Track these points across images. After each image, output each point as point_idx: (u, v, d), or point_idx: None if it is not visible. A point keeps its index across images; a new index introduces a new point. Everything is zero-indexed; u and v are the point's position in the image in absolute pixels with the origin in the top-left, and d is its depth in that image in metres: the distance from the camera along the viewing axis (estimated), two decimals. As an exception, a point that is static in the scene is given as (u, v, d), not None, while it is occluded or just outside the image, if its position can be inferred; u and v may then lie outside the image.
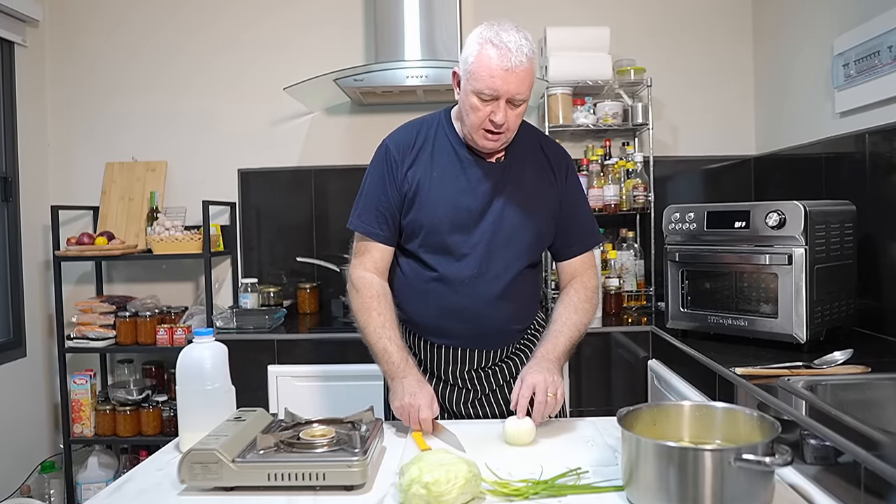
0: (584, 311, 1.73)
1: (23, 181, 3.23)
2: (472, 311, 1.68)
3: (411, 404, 1.53)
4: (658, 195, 3.11)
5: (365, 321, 1.66)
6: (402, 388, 1.57)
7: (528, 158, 1.73)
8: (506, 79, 1.52)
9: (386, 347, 1.63)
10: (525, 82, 1.55)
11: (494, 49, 1.53)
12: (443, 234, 1.65)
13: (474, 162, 1.68)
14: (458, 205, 1.65)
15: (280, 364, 2.72)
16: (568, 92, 3.10)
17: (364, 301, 1.67)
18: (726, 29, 3.34)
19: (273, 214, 3.42)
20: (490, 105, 1.56)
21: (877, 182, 2.29)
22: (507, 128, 1.59)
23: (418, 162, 1.68)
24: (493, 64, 1.52)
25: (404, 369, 1.61)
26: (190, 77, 3.41)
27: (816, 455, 1.35)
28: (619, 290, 3.03)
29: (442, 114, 1.76)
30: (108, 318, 3.10)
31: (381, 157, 1.71)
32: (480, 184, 1.66)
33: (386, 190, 1.68)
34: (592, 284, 1.78)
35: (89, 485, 3.07)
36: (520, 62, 1.52)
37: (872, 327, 2.29)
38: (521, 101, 1.58)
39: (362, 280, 1.69)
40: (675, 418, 1.26)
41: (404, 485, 1.15)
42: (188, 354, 1.45)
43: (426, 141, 1.70)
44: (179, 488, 1.26)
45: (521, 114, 1.61)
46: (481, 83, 1.53)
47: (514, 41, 1.53)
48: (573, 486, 1.23)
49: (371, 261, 1.70)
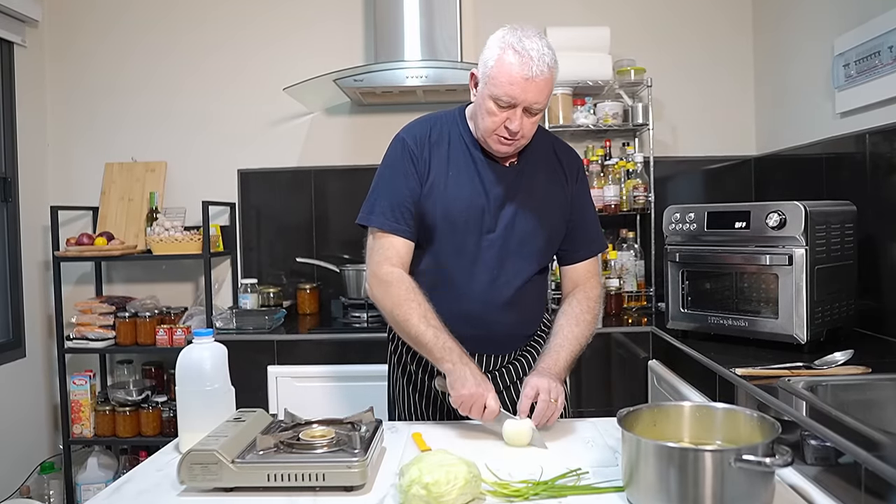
0: (586, 322, 1.70)
1: (22, 181, 3.23)
2: (482, 315, 1.66)
3: (481, 394, 1.48)
4: (658, 195, 3.11)
5: (406, 314, 1.58)
6: (466, 377, 1.50)
7: (540, 163, 1.71)
8: (525, 87, 1.49)
9: (437, 335, 1.55)
10: (544, 92, 1.52)
11: (516, 56, 1.49)
12: (455, 236, 1.64)
13: (488, 164, 1.66)
14: (473, 207, 1.63)
15: (280, 365, 2.72)
16: (568, 92, 3.10)
17: (400, 294, 1.59)
18: (726, 29, 3.34)
19: (273, 215, 3.41)
20: (506, 112, 1.53)
21: (877, 182, 2.28)
22: (522, 135, 1.57)
23: (434, 156, 1.64)
24: (513, 71, 1.48)
25: (462, 356, 1.55)
26: (189, 77, 3.40)
27: (817, 456, 1.35)
28: (619, 290, 3.03)
29: (457, 112, 1.72)
30: (107, 319, 3.10)
31: (399, 150, 1.66)
32: (494, 187, 1.64)
33: (409, 184, 1.63)
34: (595, 294, 1.76)
35: (89, 485, 3.07)
36: (541, 71, 1.49)
37: (873, 328, 2.29)
38: (538, 109, 1.55)
39: (392, 274, 1.62)
40: (676, 419, 1.26)
41: (404, 486, 1.15)
42: (188, 355, 1.44)
43: (441, 136, 1.67)
44: (179, 489, 1.25)
45: (536, 122, 1.59)
46: (500, 90, 1.50)
47: (537, 49, 1.49)
48: (573, 486, 1.23)
49: (396, 256, 1.63)
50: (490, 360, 1.73)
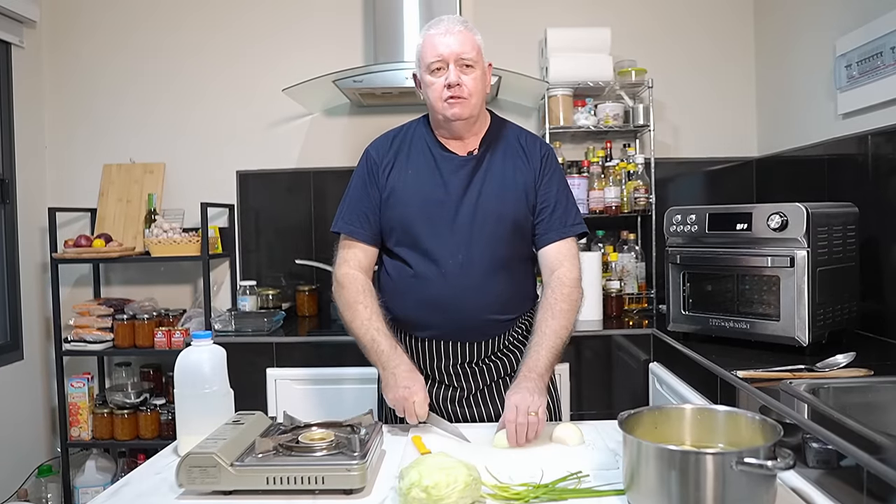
0: (563, 312, 1.68)
1: (20, 183, 3.22)
2: (452, 301, 1.70)
3: (405, 397, 1.57)
4: (659, 197, 3.10)
5: (351, 316, 1.71)
6: (395, 380, 1.61)
7: (500, 149, 1.77)
8: (445, 43, 1.64)
9: (374, 338, 1.67)
10: (466, 44, 1.66)
11: (430, 28, 1.69)
12: (417, 228, 1.70)
13: (446, 157, 1.74)
14: (430, 199, 1.71)
15: (279, 367, 2.71)
16: (568, 93, 3.10)
17: (350, 296, 1.72)
18: (728, 29, 3.34)
19: (272, 216, 3.41)
20: (442, 74, 1.66)
21: (879, 184, 2.28)
22: (468, 92, 1.66)
23: (396, 164, 1.76)
24: (431, 36, 1.67)
25: (394, 358, 1.65)
26: (188, 78, 3.40)
27: (819, 459, 1.34)
28: (620, 292, 3.02)
29: (421, 118, 1.84)
30: (105, 321, 3.09)
31: (363, 163, 1.81)
32: (453, 176, 1.72)
33: (368, 192, 1.76)
34: (571, 277, 1.73)
35: (87, 489, 3.06)
36: (453, 26, 1.66)
37: (875, 330, 2.28)
38: (469, 62, 1.66)
39: (346, 277, 1.74)
40: (677, 422, 1.26)
41: (404, 488, 1.14)
42: (186, 357, 1.44)
43: (403, 143, 1.79)
44: (178, 492, 1.25)
45: (477, 79, 1.68)
46: (427, 57, 1.66)
47: (448, 18, 1.70)
48: (574, 489, 1.22)
49: (355, 259, 1.76)
50: (468, 350, 1.75)
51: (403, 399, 1.57)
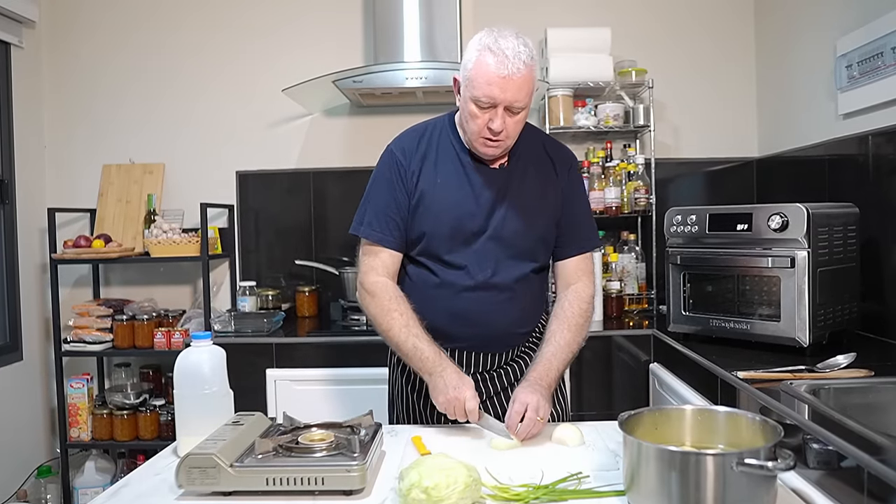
0: (578, 326, 1.71)
1: (19, 183, 3.22)
2: (479, 315, 1.68)
3: (457, 398, 1.53)
4: (659, 197, 3.10)
5: (388, 323, 1.65)
6: (444, 383, 1.56)
7: (531, 162, 1.73)
8: (503, 86, 1.51)
9: (416, 345, 1.61)
10: (523, 90, 1.54)
11: (492, 56, 1.51)
12: (446, 241, 1.66)
13: (477, 168, 1.68)
14: (462, 212, 1.66)
15: (278, 368, 2.71)
16: (569, 93, 3.09)
17: (383, 304, 1.66)
18: (728, 30, 3.34)
19: (271, 217, 3.40)
20: (488, 112, 1.55)
21: (880, 184, 2.28)
22: (507, 135, 1.59)
23: (424, 169, 1.68)
24: (490, 71, 1.51)
25: (440, 363, 1.60)
26: (188, 78, 3.39)
27: (819, 459, 1.34)
28: (620, 293, 3.02)
29: (446, 118, 1.76)
30: (105, 322, 3.09)
31: (388, 163, 1.71)
32: (483, 190, 1.67)
33: (395, 196, 1.68)
34: (588, 294, 1.76)
35: (86, 489, 3.05)
36: (517, 69, 1.51)
37: (875, 331, 2.28)
38: (519, 108, 1.57)
39: (377, 284, 1.68)
40: (677, 422, 1.25)
41: (404, 489, 1.14)
42: (186, 358, 1.44)
43: (430, 146, 1.71)
44: (177, 493, 1.25)
45: (520, 121, 1.61)
46: (479, 91, 1.53)
47: (512, 48, 1.51)
48: (574, 490, 1.22)
49: (382, 266, 1.70)
50: (488, 359, 1.74)
51: (455, 400, 1.53)
